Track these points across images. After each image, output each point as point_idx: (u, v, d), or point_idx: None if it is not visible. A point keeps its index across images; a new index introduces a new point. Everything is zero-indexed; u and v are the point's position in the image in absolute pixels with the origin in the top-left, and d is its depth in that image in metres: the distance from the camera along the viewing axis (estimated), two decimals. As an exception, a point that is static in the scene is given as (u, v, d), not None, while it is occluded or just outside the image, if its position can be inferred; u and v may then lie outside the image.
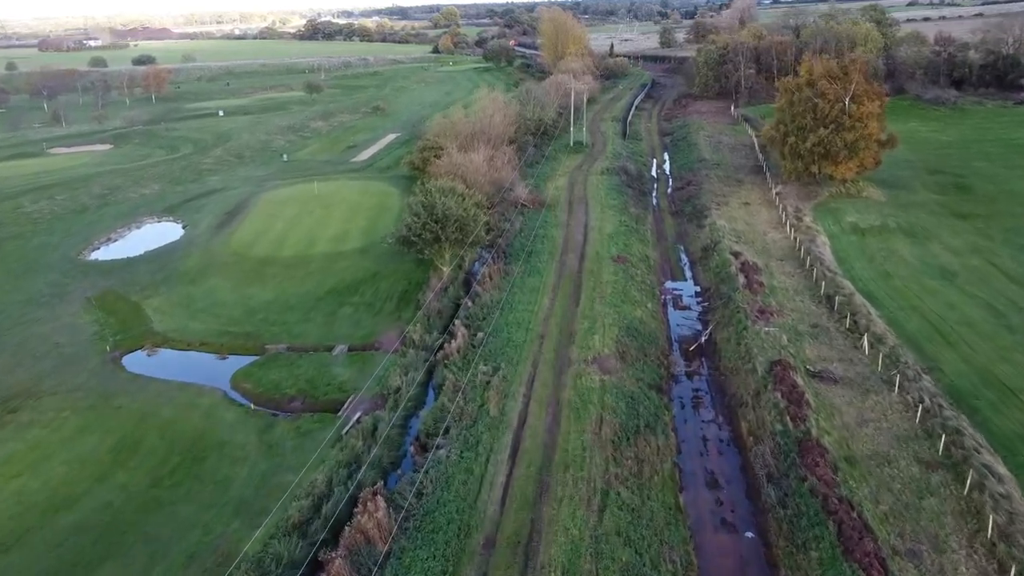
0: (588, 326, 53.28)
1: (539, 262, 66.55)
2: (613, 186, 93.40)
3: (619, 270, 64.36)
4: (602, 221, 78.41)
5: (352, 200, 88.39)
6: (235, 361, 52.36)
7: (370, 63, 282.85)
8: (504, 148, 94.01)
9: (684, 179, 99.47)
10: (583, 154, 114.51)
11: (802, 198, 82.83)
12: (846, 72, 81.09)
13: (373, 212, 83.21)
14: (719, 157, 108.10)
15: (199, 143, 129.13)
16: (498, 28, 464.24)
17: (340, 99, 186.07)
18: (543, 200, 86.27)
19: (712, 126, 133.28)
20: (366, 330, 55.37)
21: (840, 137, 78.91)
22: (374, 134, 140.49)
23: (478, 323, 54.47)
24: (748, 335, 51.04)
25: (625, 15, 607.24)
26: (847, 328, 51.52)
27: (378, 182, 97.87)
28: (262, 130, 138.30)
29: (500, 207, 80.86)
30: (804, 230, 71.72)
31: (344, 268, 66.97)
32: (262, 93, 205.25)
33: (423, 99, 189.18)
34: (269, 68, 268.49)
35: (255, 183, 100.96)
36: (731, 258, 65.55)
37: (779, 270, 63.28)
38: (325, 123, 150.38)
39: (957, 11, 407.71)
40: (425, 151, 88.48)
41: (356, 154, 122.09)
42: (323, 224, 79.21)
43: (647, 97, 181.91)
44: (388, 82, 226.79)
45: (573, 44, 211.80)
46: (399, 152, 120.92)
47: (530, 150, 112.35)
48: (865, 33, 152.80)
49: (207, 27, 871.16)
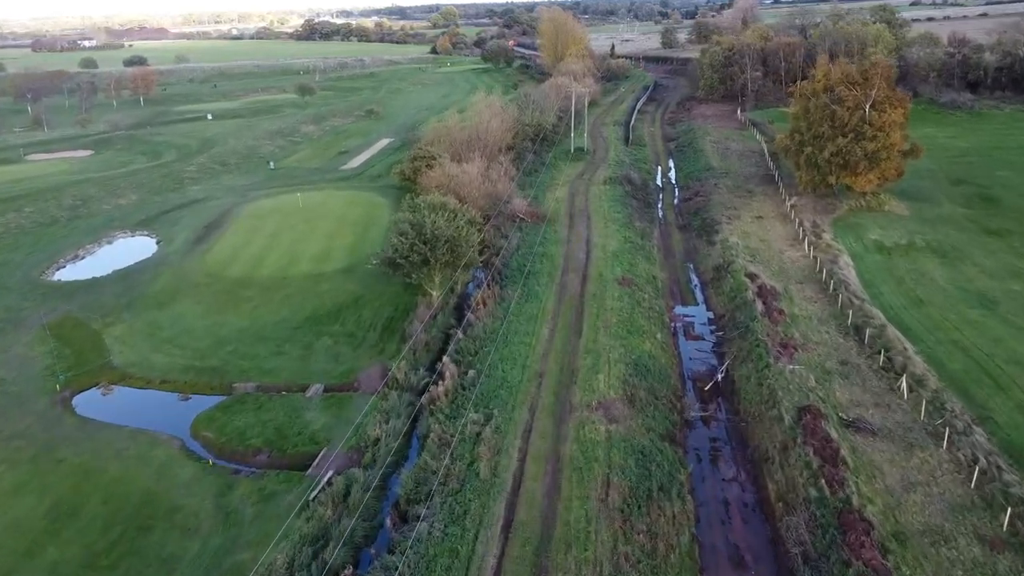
0: (592, 363, 47.88)
1: (538, 284, 61.14)
2: (616, 197, 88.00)
3: (624, 294, 58.95)
4: (605, 237, 73.00)
5: (338, 213, 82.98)
6: (198, 402, 46.95)
7: (366, 64, 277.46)
8: (501, 158, 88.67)
9: (691, 189, 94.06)
10: (584, 161, 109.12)
11: (819, 211, 77.41)
12: (866, 77, 75.68)
13: (360, 227, 77.79)
14: (727, 165, 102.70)
15: (183, 149, 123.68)
16: (497, 28, 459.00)
17: (333, 102, 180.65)
18: (542, 213, 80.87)
19: (718, 131, 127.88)
20: (345, 366, 49.94)
21: (860, 147, 73.50)
22: (367, 139, 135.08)
23: (470, 359, 49.08)
24: (771, 374, 45.64)
25: (625, 15, 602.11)
26: (881, 366, 46.10)
27: (367, 192, 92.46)
28: (250, 135, 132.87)
29: (496, 221, 75.53)
30: (824, 248, 66.31)
31: (325, 291, 61.56)
32: (254, 95, 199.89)
33: (419, 102, 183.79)
34: (263, 69, 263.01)
35: (238, 193, 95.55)
36: (747, 281, 60.15)
37: (800, 295, 57.87)
38: (316, 127, 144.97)
39: (961, 11, 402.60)
40: (417, 161, 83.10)
41: (347, 161, 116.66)
42: (306, 240, 73.80)
43: (650, 100, 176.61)
44: (384, 84, 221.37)
45: (573, 45, 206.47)
46: (392, 159, 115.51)
47: (529, 157, 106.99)
48: (876, 34, 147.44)
49: (205, 27, 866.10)
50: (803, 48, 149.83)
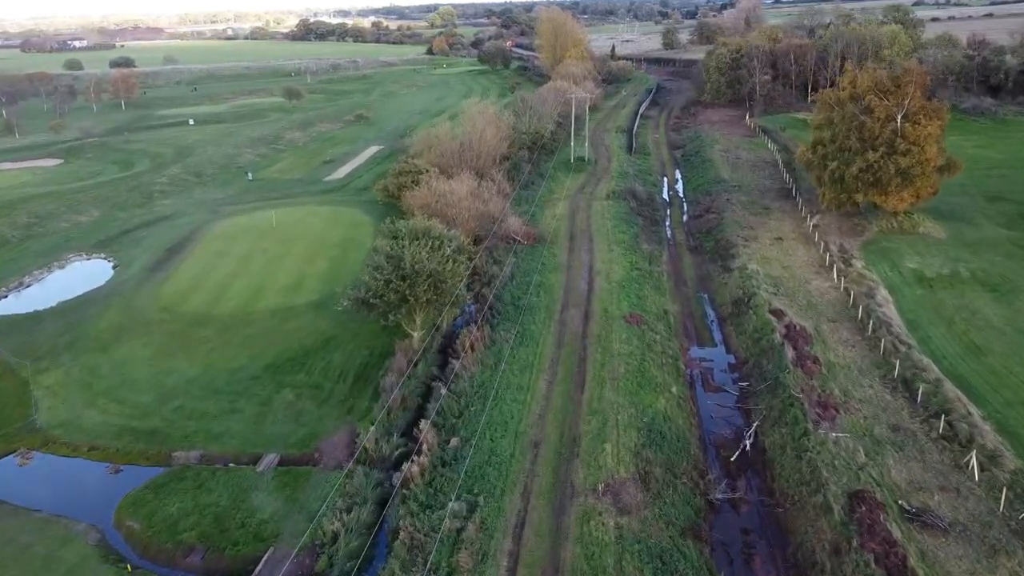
0: (597, 427, 40.48)
1: (534, 323, 53.72)
2: (620, 215, 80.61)
3: (633, 335, 51.55)
4: (609, 263, 65.61)
5: (316, 233, 75.56)
6: (131, 475, 39.51)
7: (360, 66, 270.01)
8: (494, 172, 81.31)
9: (701, 204, 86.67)
10: (585, 172, 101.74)
11: (846, 233, 70.07)
12: (898, 85, 68.31)
13: (339, 250, 70.38)
14: (739, 177, 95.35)
15: (157, 158, 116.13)
16: (495, 29, 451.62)
17: (322, 106, 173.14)
18: (540, 234, 73.48)
19: (727, 139, 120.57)
20: (307, 429, 42.48)
21: (892, 163, 66.18)
22: (354, 146, 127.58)
23: (453, 421, 41.67)
24: (810, 443, 38.25)
25: (625, 15, 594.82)
26: (940, 434, 38.74)
27: (350, 208, 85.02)
28: (230, 142, 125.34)
29: (489, 244, 68.19)
30: (856, 279, 58.94)
31: (293, 331, 54.12)
32: (241, 99, 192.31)
33: (412, 106, 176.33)
34: (253, 71, 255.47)
35: (210, 208, 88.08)
36: (771, 319, 52.78)
37: (834, 337, 50.49)
38: (302, 133, 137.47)
39: (966, 11, 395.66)
40: (402, 176, 75.65)
41: (331, 171, 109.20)
42: (276, 266, 66.37)
43: (652, 103, 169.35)
44: (376, 87, 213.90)
45: (573, 46, 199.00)
46: (380, 169, 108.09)
47: (526, 168, 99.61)
48: (892, 35, 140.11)
49: (200, 27, 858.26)
50: (814, 50, 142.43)
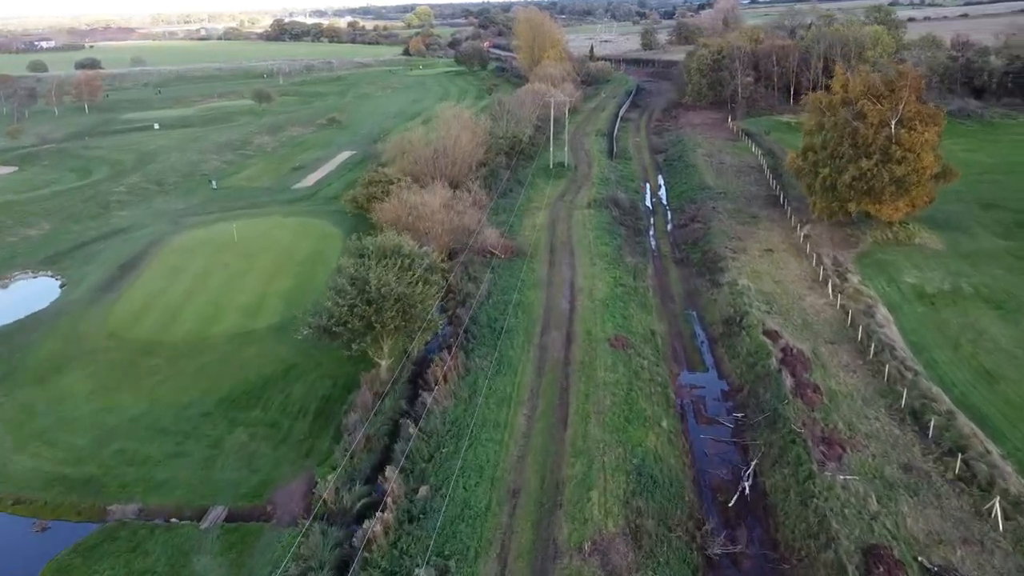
0: (582, 471, 36.66)
1: (512, 348, 49.83)
2: (603, 224, 76.97)
3: (619, 360, 47.85)
4: (592, 279, 61.87)
5: (281, 247, 71.17)
6: (59, 534, 35.12)
7: (334, 67, 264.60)
8: (469, 182, 77.37)
9: (686, 213, 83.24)
10: (566, 179, 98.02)
11: (839, 244, 66.90)
12: (892, 89, 65.24)
13: (305, 266, 66.08)
14: (724, 183, 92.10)
15: (117, 165, 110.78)
16: (473, 29, 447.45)
17: (294, 108, 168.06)
18: (518, 247, 69.61)
19: (710, 142, 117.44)
20: (260, 475, 38.29)
21: (887, 170, 63.09)
22: (326, 151, 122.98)
23: (423, 466, 37.66)
24: (816, 488, 34.73)
25: (603, 15, 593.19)
26: (957, 475, 35.37)
27: (319, 219, 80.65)
28: (195, 148, 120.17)
29: (463, 258, 64.26)
30: (853, 295, 55.67)
31: (250, 359, 49.84)
32: (211, 101, 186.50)
33: (387, 108, 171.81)
34: (224, 72, 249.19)
35: (170, 220, 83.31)
36: (766, 341, 49.31)
37: (834, 361, 47.10)
38: (272, 138, 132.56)
39: (941, 11, 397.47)
40: (371, 185, 71.42)
41: (301, 178, 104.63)
42: (236, 285, 61.95)
43: (633, 105, 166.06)
44: (351, 88, 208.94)
45: (551, 47, 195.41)
46: (351, 176, 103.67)
47: (503, 175, 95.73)
48: (875, 36, 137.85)
49: (174, 27, 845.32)
50: (797, 51, 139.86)
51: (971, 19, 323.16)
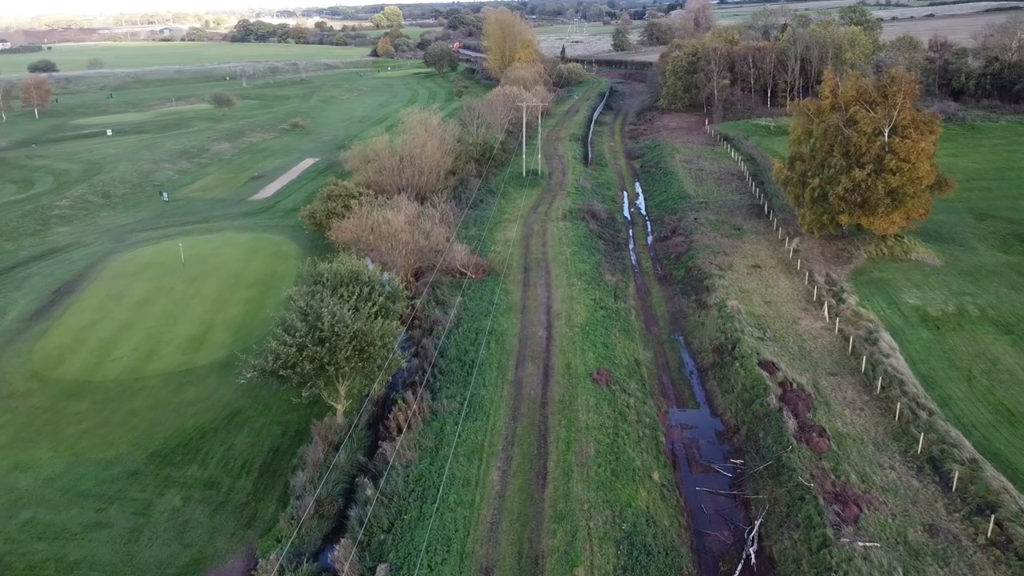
0: (565, 541, 31.85)
1: (484, 386, 44.93)
2: (580, 238, 72.41)
3: (602, 399, 43.21)
4: (570, 301, 57.19)
5: (232, 268, 65.57)
6: (-53, 633, 29.56)
7: (299, 69, 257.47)
8: (436, 197, 72.35)
9: (667, 224, 78.95)
10: (539, 188, 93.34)
11: (831, 260, 62.97)
12: (885, 95, 61.38)
13: (257, 290, 60.59)
14: (705, 192, 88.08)
15: (62, 176, 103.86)
16: (442, 29, 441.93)
17: (255, 113, 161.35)
18: (490, 266, 64.70)
19: (687, 147, 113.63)
20: (192, 551, 32.96)
21: (881, 181, 59.24)
22: (287, 159, 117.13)
23: (381, 538, 32.60)
24: (833, 559, 30.28)
25: (573, 15, 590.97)
26: (989, 539, 31.17)
27: (275, 235, 75.10)
28: (148, 156, 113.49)
29: (431, 278, 59.27)
30: (851, 318, 51.63)
31: (189, 403, 44.36)
32: (169, 106, 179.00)
33: (353, 112, 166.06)
34: (185, 75, 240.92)
35: (114, 237, 77.21)
36: (762, 374, 44.97)
37: (838, 396, 42.89)
38: (230, 145, 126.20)
39: (908, 11, 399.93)
40: (331, 200, 66.00)
41: (259, 188, 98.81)
42: (180, 313, 56.30)
43: (607, 108, 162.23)
44: (316, 91, 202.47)
45: (522, 49, 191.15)
46: (313, 185, 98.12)
47: (474, 185, 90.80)
48: (851, 37, 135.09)
49: (137, 28, 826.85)
50: (774, 53, 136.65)
51: (938, 19, 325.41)
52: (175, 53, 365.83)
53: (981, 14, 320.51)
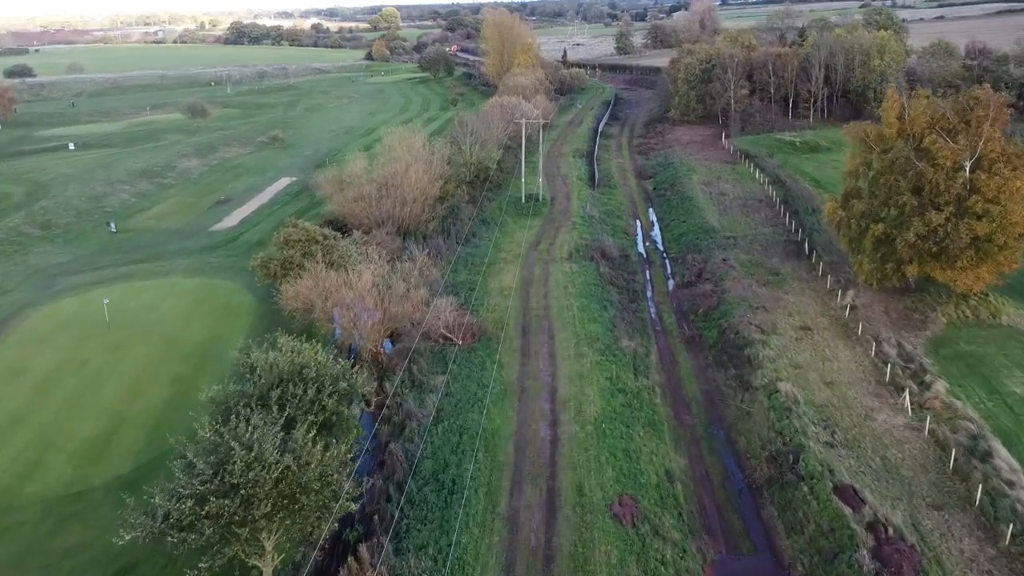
0: None
1: (468, 530, 33.25)
2: (589, 287, 60.84)
3: (628, 546, 31.70)
4: (581, 382, 45.60)
5: (168, 329, 53.95)
6: None
7: (289, 73, 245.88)
8: (421, 235, 60.82)
9: (690, 266, 67.32)
10: (541, 217, 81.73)
11: (899, 322, 51.33)
12: (967, 121, 49.81)
13: (192, 363, 48.96)
14: (731, 223, 76.49)
15: (1, 201, 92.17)
16: (440, 31, 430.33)
17: (233, 124, 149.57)
18: (481, 325, 53.09)
19: (704, 166, 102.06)
20: None
21: (965, 227, 47.71)
22: (261, 178, 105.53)
23: None
24: None
25: (574, 16, 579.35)
26: None
27: (229, 280, 63.45)
28: (104, 177, 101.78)
29: (410, 343, 47.70)
30: (942, 414, 40.02)
31: (66, 553, 32.72)
32: (144, 115, 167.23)
33: (339, 122, 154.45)
34: (168, 81, 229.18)
35: (40, 283, 65.57)
36: (843, 510, 33.35)
37: (951, 549, 31.25)
38: (200, 162, 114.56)
39: (917, 13, 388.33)
40: (288, 246, 54.18)
41: (223, 215, 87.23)
42: (87, 399, 44.66)
43: (612, 118, 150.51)
44: (303, 98, 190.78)
45: (522, 53, 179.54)
46: (284, 212, 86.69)
47: (466, 213, 79.22)
48: (881, 43, 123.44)
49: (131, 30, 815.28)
50: (796, 60, 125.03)
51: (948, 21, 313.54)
52: (164, 56, 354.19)
53: (992, 16, 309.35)
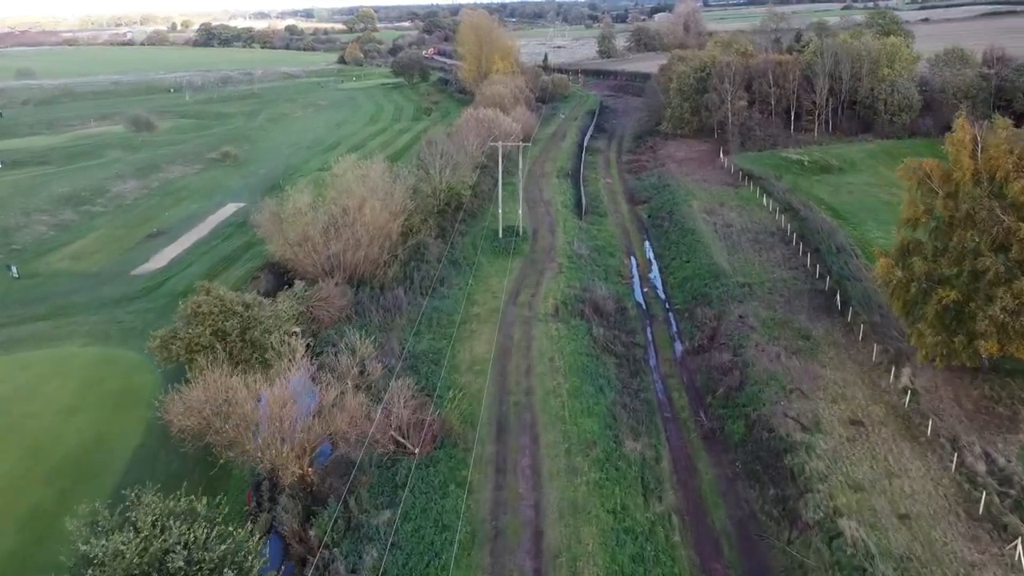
0: None
1: None
2: (580, 357, 49.35)
3: None
4: (575, 519, 34.03)
5: (38, 428, 41.74)
6: None
7: (255, 78, 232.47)
8: (371, 301, 49.02)
9: (700, 323, 55.84)
10: (521, 256, 70.10)
11: (977, 418, 40.24)
12: (1067, 160, 38.87)
13: (57, 488, 36.80)
14: (743, 264, 65.36)
15: None
16: (417, 33, 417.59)
17: (183, 138, 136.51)
18: (445, 425, 41.33)
19: (703, 188, 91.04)
20: None
21: (1066, 300, 36.78)
22: (204, 204, 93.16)
23: None
24: None
25: (554, 18, 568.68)
26: None
27: (134, 351, 51.02)
28: (21, 205, 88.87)
29: (345, 455, 35.93)
30: (1079, 581, 28.87)
31: None
32: (91, 126, 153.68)
33: (303, 134, 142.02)
34: (123, 87, 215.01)
35: (-96, 351, 53.02)
36: None
37: None
38: (138, 184, 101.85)
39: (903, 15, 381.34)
40: (197, 321, 41.96)
41: (151, 254, 74.88)
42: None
43: (598, 130, 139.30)
44: (266, 106, 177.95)
45: (501, 59, 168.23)
46: (223, 249, 74.83)
47: (433, 254, 67.43)
48: (892, 49, 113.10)
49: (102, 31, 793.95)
50: (798, 68, 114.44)
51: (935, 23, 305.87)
52: (128, 59, 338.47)
53: (978, 18, 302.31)
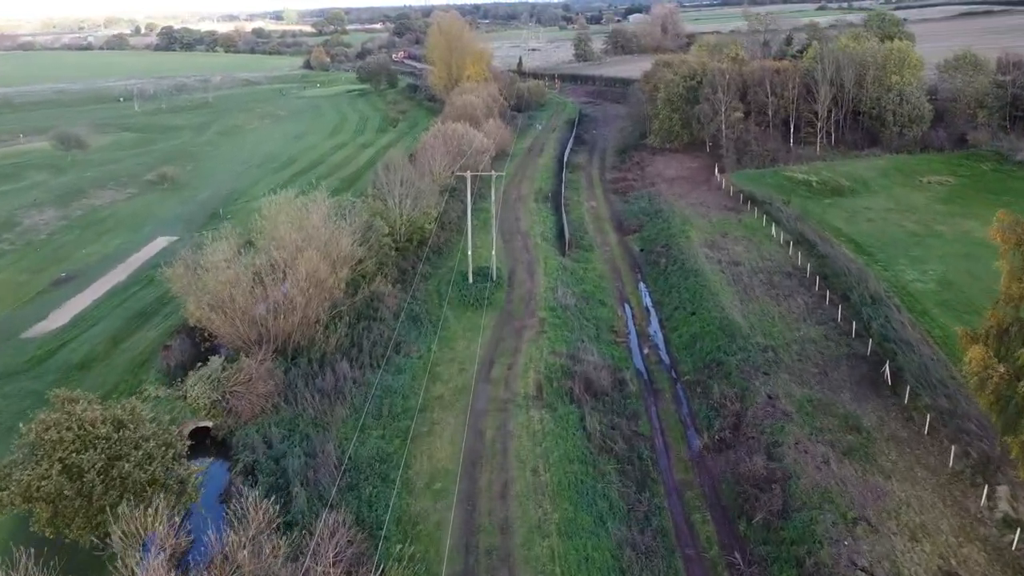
0: None
1: None
2: (571, 466, 38.18)
3: None
4: None
5: None
6: None
7: (211, 85, 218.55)
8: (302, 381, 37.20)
9: (716, 403, 44.73)
10: (496, 309, 58.67)
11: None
12: None
13: None
14: (760, 317, 54.41)
15: None
16: (387, 35, 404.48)
17: (120, 156, 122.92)
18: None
19: (701, 215, 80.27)
20: None
21: None
22: (130, 239, 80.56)
23: None
24: None
25: (528, 19, 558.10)
26: None
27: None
28: (-91, 244, 76.00)
29: None
30: None
31: None
32: (21, 142, 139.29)
33: (256, 150, 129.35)
34: (68, 96, 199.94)
35: None
36: None
37: None
38: (57, 214, 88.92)
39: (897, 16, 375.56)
40: (44, 455, 29.88)
41: (52, 307, 62.37)
42: None
43: (578, 142, 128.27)
44: (219, 117, 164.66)
45: (473, 64, 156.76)
46: (143, 298, 62.67)
47: (389, 307, 55.77)
48: (900, 55, 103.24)
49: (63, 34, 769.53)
50: (798, 76, 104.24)
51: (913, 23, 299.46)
52: (82, 65, 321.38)
53: (955, 18, 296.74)
